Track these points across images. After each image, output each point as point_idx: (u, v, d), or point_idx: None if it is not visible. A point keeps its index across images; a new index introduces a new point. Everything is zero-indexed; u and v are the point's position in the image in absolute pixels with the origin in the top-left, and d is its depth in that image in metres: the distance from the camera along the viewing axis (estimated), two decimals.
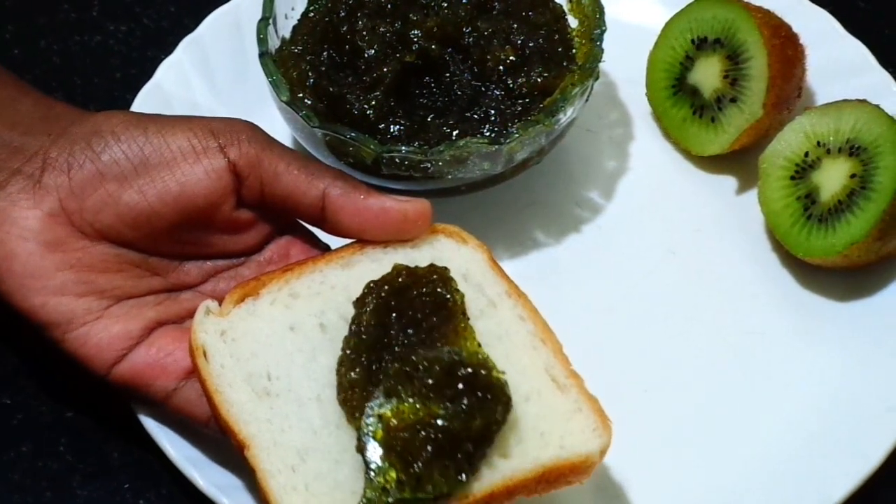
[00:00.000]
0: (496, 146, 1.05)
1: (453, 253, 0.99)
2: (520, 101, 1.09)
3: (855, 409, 1.06)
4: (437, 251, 0.98)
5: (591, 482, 1.00)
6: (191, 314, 1.00)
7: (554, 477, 0.89)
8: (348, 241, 1.01)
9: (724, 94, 1.17)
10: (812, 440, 1.05)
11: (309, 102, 1.08)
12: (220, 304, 0.98)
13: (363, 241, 0.99)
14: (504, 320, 0.95)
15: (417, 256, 0.98)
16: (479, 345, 0.92)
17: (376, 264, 0.97)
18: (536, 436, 0.90)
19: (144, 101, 1.18)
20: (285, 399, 0.93)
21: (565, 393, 0.92)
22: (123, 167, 0.97)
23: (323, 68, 1.10)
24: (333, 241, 1.03)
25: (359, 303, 0.94)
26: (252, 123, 1.01)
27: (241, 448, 0.92)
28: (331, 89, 1.08)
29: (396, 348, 0.91)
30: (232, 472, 1.00)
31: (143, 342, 0.97)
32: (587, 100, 1.12)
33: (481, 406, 0.87)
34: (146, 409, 1.01)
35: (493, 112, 1.09)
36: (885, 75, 1.20)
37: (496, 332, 0.95)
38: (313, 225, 1.01)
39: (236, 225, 1.00)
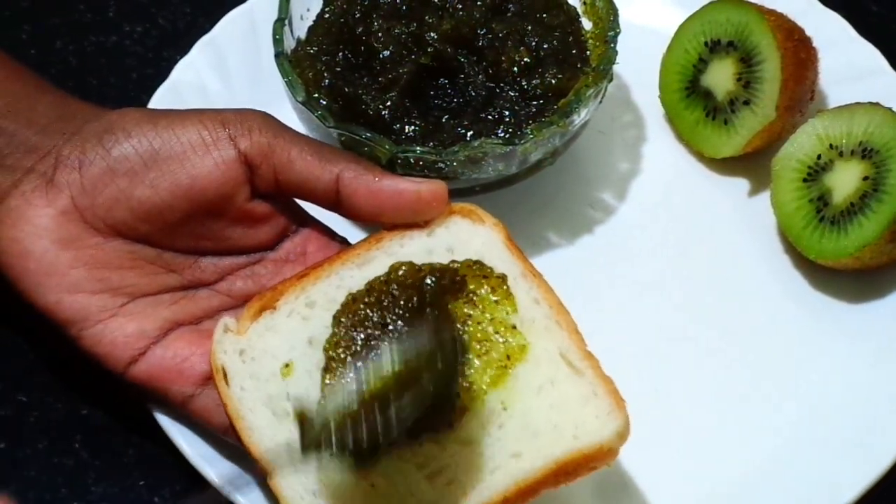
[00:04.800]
0: (510, 147, 1.05)
1: (469, 235, 0.98)
2: (534, 103, 1.10)
3: (865, 411, 1.07)
4: (453, 235, 0.98)
5: (593, 482, 1.00)
6: (207, 314, 1.00)
7: (572, 468, 0.88)
8: (364, 236, 1.01)
9: (737, 97, 1.17)
10: (822, 441, 1.06)
11: (324, 103, 1.08)
12: (240, 312, 0.98)
13: (378, 234, 1.00)
14: (519, 306, 0.95)
15: (433, 244, 0.98)
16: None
17: (393, 259, 0.97)
18: (549, 429, 0.89)
19: (160, 102, 1.19)
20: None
21: (580, 376, 0.91)
22: (134, 163, 0.97)
23: (338, 69, 1.11)
24: (350, 236, 1.03)
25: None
26: (264, 112, 1.02)
27: (265, 474, 0.93)
28: (346, 90, 1.08)
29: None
30: (246, 469, 1.00)
31: (159, 343, 0.97)
32: (601, 101, 1.13)
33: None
34: (161, 406, 1.02)
35: (507, 113, 1.09)
36: None
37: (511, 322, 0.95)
38: (329, 209, 1.01)
39: (251, 217, 1.00)
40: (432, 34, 1.10)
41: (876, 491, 1.03)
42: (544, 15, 1.14)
